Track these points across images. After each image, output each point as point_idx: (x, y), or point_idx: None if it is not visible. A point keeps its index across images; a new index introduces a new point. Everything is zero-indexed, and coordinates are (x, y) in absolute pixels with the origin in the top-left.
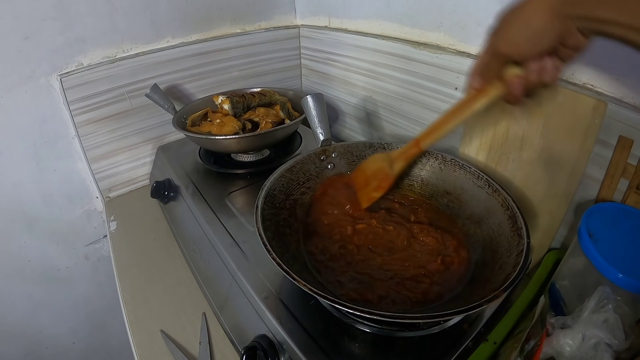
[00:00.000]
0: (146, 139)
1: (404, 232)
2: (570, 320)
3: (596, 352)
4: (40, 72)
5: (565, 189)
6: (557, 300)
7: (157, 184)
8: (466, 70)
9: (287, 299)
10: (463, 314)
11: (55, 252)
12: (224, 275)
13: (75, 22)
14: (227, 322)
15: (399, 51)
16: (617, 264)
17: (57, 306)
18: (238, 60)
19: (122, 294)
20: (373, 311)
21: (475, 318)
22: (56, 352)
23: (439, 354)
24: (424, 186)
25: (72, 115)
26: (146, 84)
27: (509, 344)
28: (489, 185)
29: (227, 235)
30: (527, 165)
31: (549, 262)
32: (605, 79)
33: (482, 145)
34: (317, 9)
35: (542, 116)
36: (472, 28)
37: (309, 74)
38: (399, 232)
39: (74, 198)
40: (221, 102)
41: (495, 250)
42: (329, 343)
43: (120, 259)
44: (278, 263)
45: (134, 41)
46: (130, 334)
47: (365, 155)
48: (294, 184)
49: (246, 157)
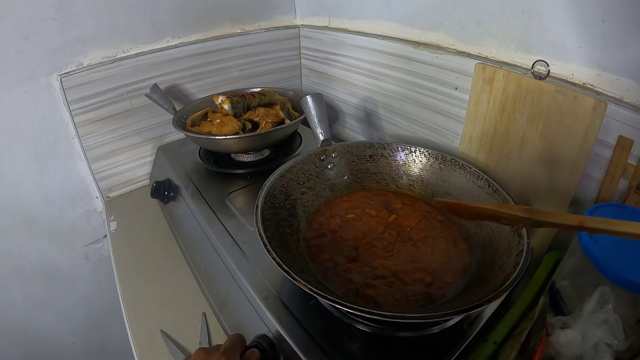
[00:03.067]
0: (146, 139)
1: (404, 232)
2: (570, 320)
3: (596, 352)
4: (40, 72)
5: (565, 189)
6: (557, 300)
7: (157, 184)
8: (466, 70)
9: (287, 299)
10: (463, 314)
11: (55, 252)
12: (224, 275)
13: (75, 22)
14: (227, 322)
15: (399, 51)
16: (617, 264)
17: (57, 306)
18: (238, 60)
19: (122, 294)
20: (373, 311)
21: (475, 318)
22: (56, 351)
23: (439, 354)
24: (424, 186)
25: (72, 115)
26: (146, 84)
27: (509, 344)
28: (489, 185)
29: (227, 235)
30: (527, 165)
31: (549, 262)
32: (605, 79)
33: (482, 145)
34: (317, 9)
35: (542, 116)
36: (472, 28)
37: (309, 74)
38: (399, 232)
39: (74, 198)
40: (221, 102)
41: (495, 250)
42: (329, 343)
43: (120, 259)
44: (278, 263)
45: (134, 41)
46: (130, 334)
47: (365, 155)
48: (294, 184)
49: (246, 157)
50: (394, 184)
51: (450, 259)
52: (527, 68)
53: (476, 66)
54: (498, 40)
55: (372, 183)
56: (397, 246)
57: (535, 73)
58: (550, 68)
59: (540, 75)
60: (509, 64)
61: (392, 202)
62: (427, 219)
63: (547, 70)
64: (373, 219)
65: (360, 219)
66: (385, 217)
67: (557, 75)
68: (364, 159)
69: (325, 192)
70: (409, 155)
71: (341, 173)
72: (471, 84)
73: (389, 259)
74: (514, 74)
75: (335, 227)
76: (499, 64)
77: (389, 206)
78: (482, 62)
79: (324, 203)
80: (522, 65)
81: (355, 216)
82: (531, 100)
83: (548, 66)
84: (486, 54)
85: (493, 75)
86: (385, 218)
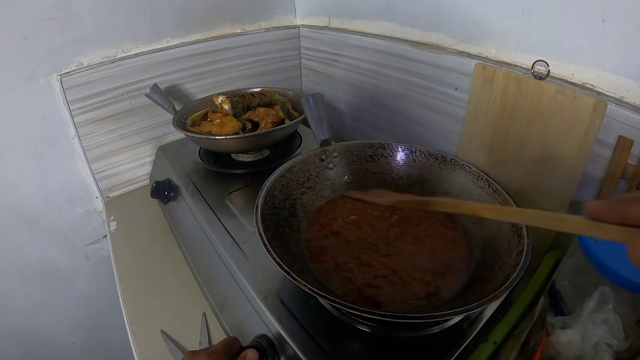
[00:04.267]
0: (146, 139)
1: (404, 231)
2: (570, 320)
3: (596, 352)
4: (40, 72)
5: (565, 189)
6: (557, 300)
7: (157, 184)
8: (466, 70)
9: (287, 299)
10: (463, 314)
11: (55, 252)
12: (224, 275)
13: (75, 22)
14: (227, 322)
15: (399, 51)
16: (617, 264)
17: (57, 306)
18: (238, 60)
19: (122, 294)
20: (373, 311)
21: (475, 318)
22: (56, 352)
23: (439, 354)
24: (424, 186)
25: (72, 115)
26: (146, 84)
27: (509, 344)
28: (489, 185)
29: (227, 235)
30: (527, 165)
31: (549, 262)
32: (605, 79)
33: (482, 145)
34: (317, 9)
35: (542, 116)
36: (472, 28)
37: (309, 74)
38: (399, 232)
39: (74, 198)
40: (221, 102)
41: (495, 250)
42: (329, 343)
43: (120, 259)
44: (278, 263)
45: (134, 41)
46: (130, 334)
47: (365, 155)
48: (294, 184)
49: (246, 157)
50: (394, 184)
51: (451, 259)
52: (527, 68)
53: (476, 66)
54: (498, 40)
55: (372, 183)
56: (397, 246)
57: (535, 73)
58: (550, 68)
59: (540, 75)
60: (509, 64)
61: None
62: (427, 219)
63: (547, 70)
64: (376, 220)
65: (363, 220)
66: (387, 218)
67: (557, 75)
68: (364, 159)
69: (326, 192)
70: (409, 155)
71: (341, 173)
72: (471, 84)
73: (389, 258)
74: (514, 74)
75: (337, 229)
76: (499, 64)
77: (391, 207)
78: (482, 62)
79: (324, 203)
80: (522, 65)
81: (357, 217)
82: (531, 100)
83: (548, 66)
84: (486, 54)
85: (493, 75)
86: (387, 219)
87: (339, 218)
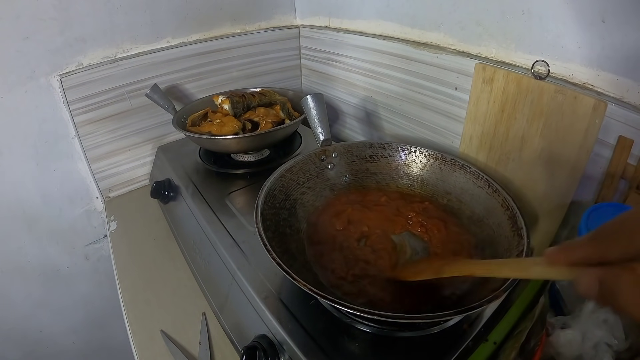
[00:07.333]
0: (146, 139)
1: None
2: (570, 320)
3: (596, 352)
4: (40, 72)
5: (565, 189)
6: (557, 300)
7: (157, 184)
8: (466, 70)
9: (287, 299)
10: (463, 314)
11: (55, 252)
12: (224, 275)
13: (75, 22)
14: (227, 322)
15: (399, 51)
16: None
17: (57, 306)
18: (238, 60)
19: (122, 294)
20: (373, 311)
21: (475, 318)
22: (56, 352)
23: (439, 354)
24: (424, 186)
25: (72, 115)
26: (146, 84)
27: (509, 344)
28: (489, 185)
29: (227, 235)
30: (527, 165)
31: None
32: (605, 79)
33: (482, 145)
34: (317, 9)
35: (542, 116)
36: (472, 28)
37: (309, 74)
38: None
39: (74, 198)
40: (221, 102)
41: (496, 250)
42: (329, 343)
43: (120, 259)
44: (278, 263)
45: (134, 41)
46: (130, 334)
47: (365, 155)
48: (294, 184)
49: (246, 157)
50: (394, 184)
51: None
52: (527, 68)
53: (476, 66)
54: (498, 40)
55: (372, 183)
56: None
57: (535, 73)
58: (550, 68)
59: (540, 75)
60: (509, 64)
61: (393, 202)
62: (428, 219)
63: (547, 70)
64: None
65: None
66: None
67: (557, 75)
68: (364, 159)
69: (325, 192)
70: (409, 155)
71: (341, 173)
72: (471, 84)
73: (389, 257)
74: (514, 74)
75: (337, 228)
76: (499, 64)
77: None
78: (482, 62)
79: (325, 203)
80: (522, 65)
81: (358, 217)
82: (531, 100)
83: (548, 66)
84: (486, 54)
85: (493, 75)
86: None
87: (339, 218)
